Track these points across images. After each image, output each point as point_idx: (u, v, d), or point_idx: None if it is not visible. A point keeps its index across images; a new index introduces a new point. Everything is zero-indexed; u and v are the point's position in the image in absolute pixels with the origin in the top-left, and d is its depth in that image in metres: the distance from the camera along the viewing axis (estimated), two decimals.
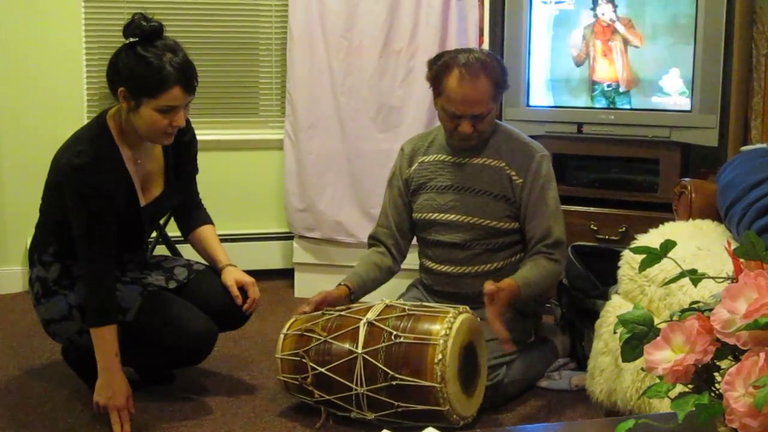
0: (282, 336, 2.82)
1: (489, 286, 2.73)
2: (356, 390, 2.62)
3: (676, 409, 1.21)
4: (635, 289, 2.65)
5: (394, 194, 3.16)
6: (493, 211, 2.99)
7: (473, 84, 2.88)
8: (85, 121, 3.61)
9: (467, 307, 2.75)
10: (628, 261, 2.71)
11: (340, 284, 2.98)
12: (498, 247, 3.01)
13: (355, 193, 4.11)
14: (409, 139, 3.24)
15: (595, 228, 3.71)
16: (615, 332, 1.35)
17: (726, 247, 1.36)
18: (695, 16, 3.52)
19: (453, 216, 3.02)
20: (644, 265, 1.37)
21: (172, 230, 3.36)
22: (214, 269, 3.01)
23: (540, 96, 3.84)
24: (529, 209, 2.97)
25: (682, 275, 1.35)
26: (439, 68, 2.94)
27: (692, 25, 3.53)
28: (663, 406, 2.23)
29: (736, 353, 1.21)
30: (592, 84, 3.75)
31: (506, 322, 2.81)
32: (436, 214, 3.05)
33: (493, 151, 3.02)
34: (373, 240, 3.18)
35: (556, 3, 3.77)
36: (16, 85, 4.04)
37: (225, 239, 3.44)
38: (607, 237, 3.68)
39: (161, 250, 3.77)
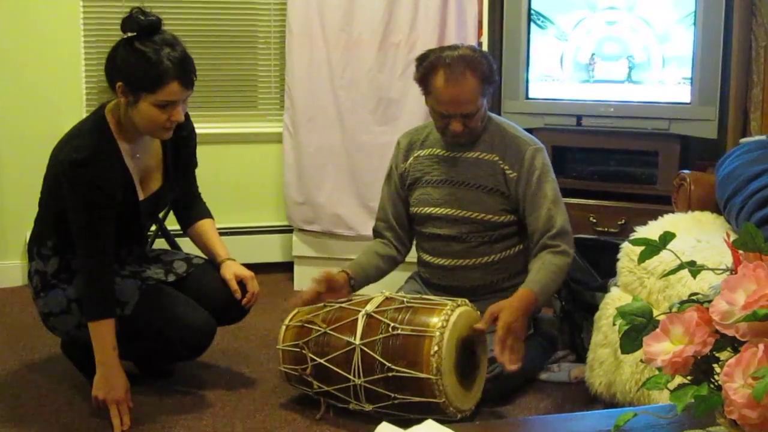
0: (283, 327, 2.82)
1: (479, 325, 2.68)
2: (354, 381, 2.63)
3: (675, 400, 1.21)
4: (634, 281, 2.66)
5: (392, 189, 3.16)
6: (488, 205, 2.98)
7: (459, 84, 2.86)
8: (84, 116, 3.60)
9: (466, 300, 2.75)
10: (628, 253, 2.71)
11: (340, 271, 2.98)
12: (494, 239, 3.01)
13: (354, 186, 4.11)
14: (405, 133, 3.24)
15: (595, 220, 3.71)
16: (614, 324, 1.35)
17: (725, 239, 1.36)
18: (695, 7, 3.51)
19: (448, 210, 3.02)
20: (643, 257, 1.37)
21: (172, 224, 3.36)
22: (213, 263, 3.01)
23: (539, 88, 3.83)
24: (528, 203, 2.96)
25: (681, 267, 1.35)
26: (426, 69, 2.92)
27: (692, 16, 3.53)
28: (662, 397, 2.24)
29: (735, 344, 1.21)
30: (591, 76, 3.75)
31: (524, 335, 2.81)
32: (431, 209, 3.05)
33: (487, 145, 3.01)
34: (376, 233, 3.20)
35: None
36: (14, 80, 4.03)
37: (224, 233, 3.44)
38: (606, 229, 3.68)
39: (161, 243, 3.78)
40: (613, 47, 3.72)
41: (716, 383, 1.22)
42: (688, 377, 1.25)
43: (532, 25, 3.80)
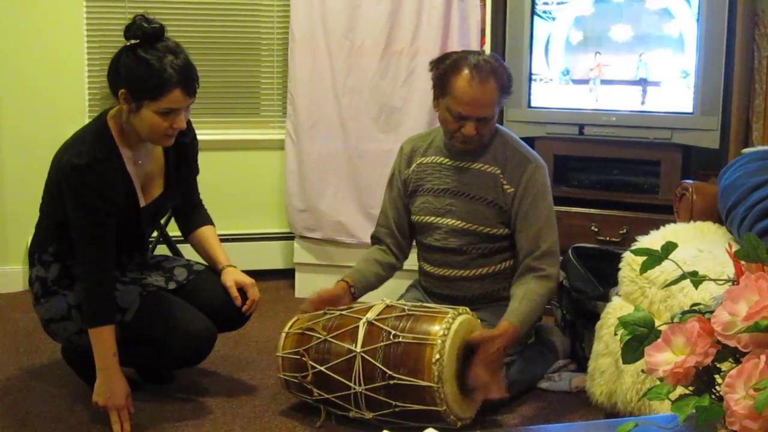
0: (283, 334, 2.82)
1: (476, 336, 2.67)
2: (354, 389, 2.62)
3: (677, 411, 1.21)
4: (636, 290, 2.65)
5: (394, 195, 3.15)
6: (486, 218, 2.97)
7: (483, 86, 2.85)
8: (86, 122, 3.60)
9: (467, 309, 2.75)
10: (629, 263, 2.71)
11: (339, 281, 2.98)
12: (494, 251, 3.00)
13: (356, 194, 4.11)
14: (408, 139, 3.23)
15: (596, 229, 3.71)
16: (615, 334, 1.35)
17: (727, 250, 1.36)
18: (697, 17, 3.52)
19: (449, 220, 3.01)
20: (645, 267, 1.37)
21: (173, 230, 3.36)
22: (213, 270, 3.01)
23: (541, 97, 3.83)
24: (519, 220, 2.95)
25: (683, 277, 1.35)
26: (448, 67, 2.89)
27: (694, 26, 3.53)
28: (663, 408, 2.23)
29: (736, 355, 1.21)
30: (594, 85, 3.75)
31: (509, 366, 2.87)
32: (432, 218, 3.04)
33: (491, 157, 3.00)
34: (375, 240, 3.18)
35: (558, 3, 3.76)
36: (17, 85, 4.04)
37: (226, 239, 3.44)
38: (608, 238, 3.68)
39: (162, 249, 3.77)
40: (614, 55, 3.71)
41: (718, 394, 1.22)
42: (690, 388, 1.24)
43: (535, 32, 3.79)
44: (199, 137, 3.01)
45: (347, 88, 4.04)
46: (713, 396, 1.22)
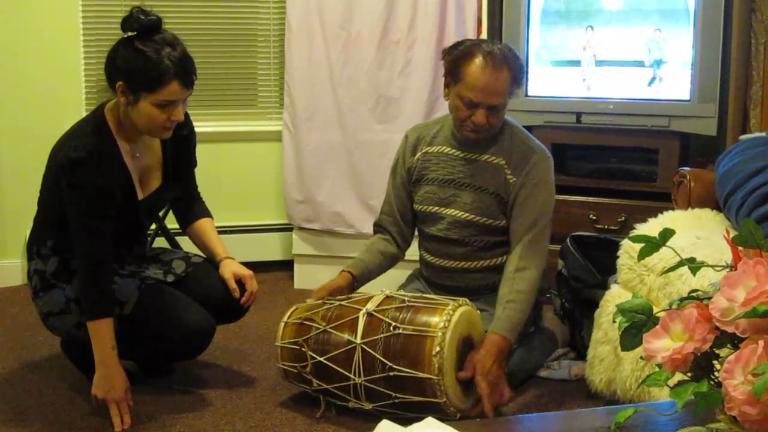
0: (282, 324, 2.82)
1: (463, 373, 2.64)
2: (354, 380, 2.62)
3: (676, 397, 1.21)
4: (634, 278, 2.66)
5: (397, 182, 3.13)
6: (489, 208, 2.96)
7: (496, 73, 2.82)
8: (84, 115, 3.60)
9: (467, 300, 2.75)
10: (627, 250, 2.71)
11: (343, 271, 2.97)
12: (495, 244, 2.99)
13: (354, 184, 4.10)
14: (414, 126, 3.21)
15: (594, 218, 3.71)
16: (614, 321, 1.35)
17: (725, 236, 1.36)
18: (694, 4, 3.51)
19: (453, 211, 3.00)
20: (643, 254, 1.37)
21: (172, 223, 3.35)
22: (212, 262, 3.01)
23: (538, 86, 3.83)
24: (516, 208, 2.93)
25: (681, 264, 1.35)
26: (461, 54, 2.86)
27: (691, 13, 3.52)
28: (662, 394, 2.23)
29: (734, 341, 1.21)
30: (591, 73, 3.75)
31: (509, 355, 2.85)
32: (436, 208, 3.03)
33: (497, 148, 2.97)
34: (378, 228, 3.17)
35: None
36: (14, 79, 4.03)
37: (224, 231, 3.44)
38: (606, 227, 3.68)
39: (161, 242, 3.77)
40: (611, 43, 3.70)
41: (716, 380, 1.22)
42: (688, 374, 1.25)
43: (531, 21, 3.79)
44: (196, 129, 3.00)
45: (344, 79, 4.04)
46: (712, 382, 1.22)
